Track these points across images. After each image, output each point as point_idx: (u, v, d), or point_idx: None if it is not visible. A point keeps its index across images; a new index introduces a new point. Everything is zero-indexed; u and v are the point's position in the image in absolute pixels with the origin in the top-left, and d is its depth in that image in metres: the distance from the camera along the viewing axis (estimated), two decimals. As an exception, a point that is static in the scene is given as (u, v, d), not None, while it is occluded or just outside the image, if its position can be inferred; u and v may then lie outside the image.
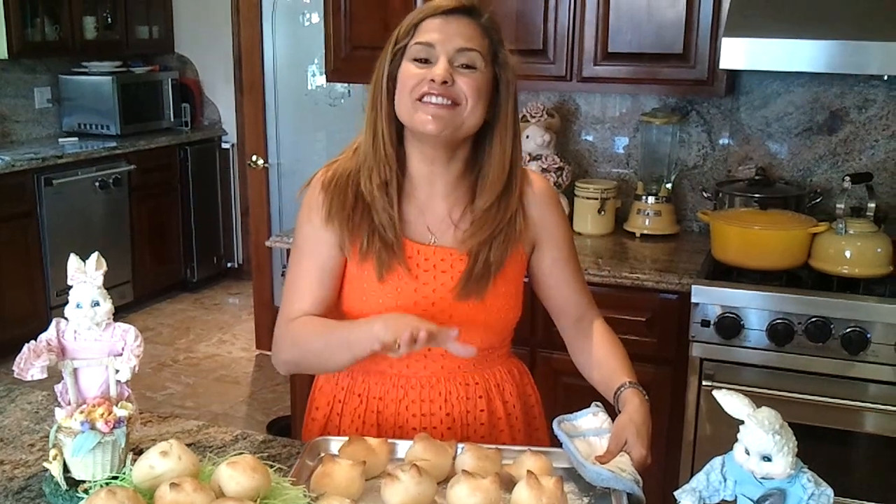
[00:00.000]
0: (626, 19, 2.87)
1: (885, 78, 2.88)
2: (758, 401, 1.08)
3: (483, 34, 1.49)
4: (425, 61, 1.47)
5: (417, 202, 1.58)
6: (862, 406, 2.44)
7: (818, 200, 2.97)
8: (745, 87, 3.08)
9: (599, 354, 1.63)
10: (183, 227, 6.00)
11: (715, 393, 1.07)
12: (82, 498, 1.19)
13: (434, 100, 1.45)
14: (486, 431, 1.60)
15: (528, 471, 1.30)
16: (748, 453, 1.05)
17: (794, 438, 1.05)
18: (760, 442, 1.03)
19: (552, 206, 1.64)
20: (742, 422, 1.05)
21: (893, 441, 2.45)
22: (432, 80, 1.45)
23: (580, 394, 1.69)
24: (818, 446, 2.44)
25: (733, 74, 2.98)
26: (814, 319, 2.44)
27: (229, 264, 6.43)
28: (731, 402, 1.05)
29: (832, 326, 2.43)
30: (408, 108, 1.48)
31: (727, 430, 1.14)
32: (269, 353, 3.54)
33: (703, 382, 2.55)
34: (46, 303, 4.99)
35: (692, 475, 1.15)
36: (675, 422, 2.64)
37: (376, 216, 1.53)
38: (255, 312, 5.00)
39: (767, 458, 1.04)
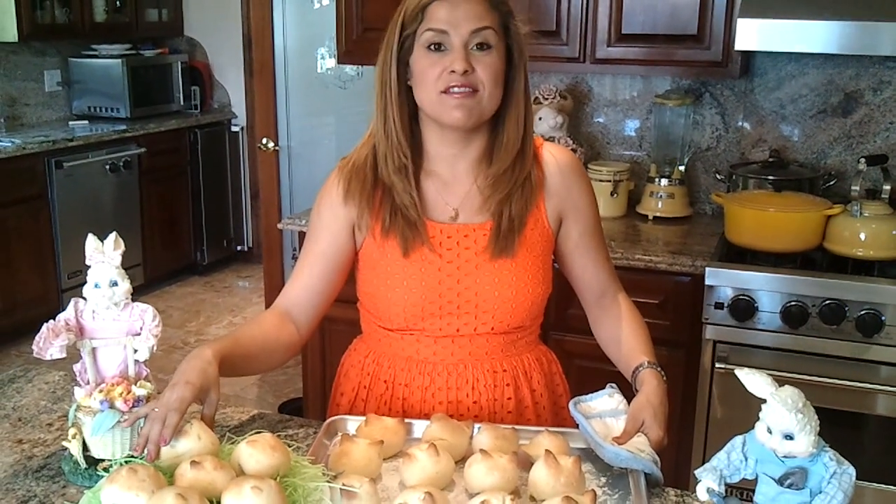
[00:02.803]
0: (639, 0, 2.85)
1: (901, 59, 2.86)
2: (772, 383, 1.08)
3: (492, 8, 1.48)
4: (438, 47, 1.46)
5: (439, 180, 1.58)
6: (876, 388, 2.44)
7: (832, 183, 2.96)
8: (759, 68, 3.06)
9: (620, 332, 1.63)
10: (193, 210, 6.01)
11: (737, 371, 1.07)
12: (102, 476, 1.19)
13: (456, 91, 1.46)
14: (513, 420, 1.59)
15: (547, 450, 1.30)
16: (770, 432, 1.05)
17: (816, 417, 1.05)
18: (783, 420, 1.03)
19: (578, 178, 1.63)
20: (764, 400, 1.05)
21: (907, 423, 2.45)
22: (453, 72, 1.44)
23: (593, 376, 1.69)
24: (831, 429, 2.43)
25: (748, 56, 2.96)
26: (828, 302, 2.43)
27: (239, 247, 6.44)
28: (754, 380, 1.05)
29: (846, 309, 2.42)
30: (432, 100, 1.48)
31: (740, 412, 1.15)
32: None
33: (717, 365, 2.55)
34: (58, 285, 4.99)
35: (705, 456, 1.15)
36: (687, 403, 2.63)
37: (398, 197, 1.53)
38: (266, 295, 5.00)
39: (790, 437, 1.03)
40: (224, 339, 1.45)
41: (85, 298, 1.40)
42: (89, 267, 1.39)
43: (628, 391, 1.53)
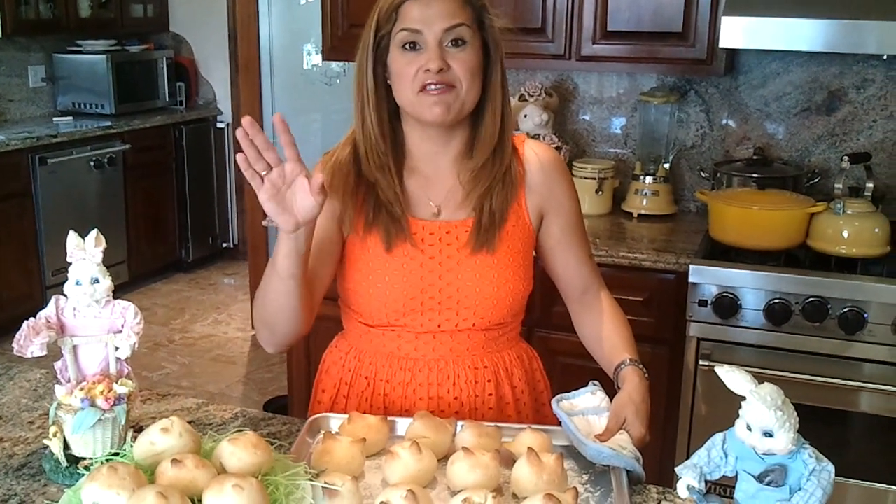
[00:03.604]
0: (625, -3, 2.85)
1: (885, 57, 2.87)
2: (755, 380, 1.08)
3: (465, 4, 1.49)
4: (413, 46, 1.47)
5: (421, 176, 1.58)
6: (858, 386, 2.45)
7: (816, 180, 2.98)
8: (743, 66, 3.07)
9: (602, 329, 1.63)
10: (178, 206, 5.99)
11: (717, 369, 1.07)
12: (82, 475, 1.19)
13: (433, 88, 1.46)
14: (494, 416, 1.59)
15: (529, 448, 1.30)
16: (750, 429, 1.05)
17: (795, 414, 1.05)
18: (762, 418, 1.03)
19: (560, 176, 1.63)
20: (744, 398, 1.05)
21: (889, 420, 2.46)
22: (428, 70, 1.45)
23: (577, 374, 1.69)
24: (814, 426, 2.43)
25: (732, 53, 2.97)
26: (811, 299, 2.44)
27: (224, 244, 6.42)
28: (734, 378, 1.05)
29: (829, 306, 2.43)
30: (411, 99, 1.49)
31: (723, 409, 1.15)
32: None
33: (700, 362, 2.56)
34: (42, 282, 4.98)
35: (688, 453, 1.16)
36: (671, 401, 2.64)
37: (381, 193, 1.54)
38: (251, 292, 4.99)
39: (769, 434, 1.04)
40: None
41: (66, 295, 1.39)
42: (71, 264, 1.38)
43: (611, 388, 1.54)
